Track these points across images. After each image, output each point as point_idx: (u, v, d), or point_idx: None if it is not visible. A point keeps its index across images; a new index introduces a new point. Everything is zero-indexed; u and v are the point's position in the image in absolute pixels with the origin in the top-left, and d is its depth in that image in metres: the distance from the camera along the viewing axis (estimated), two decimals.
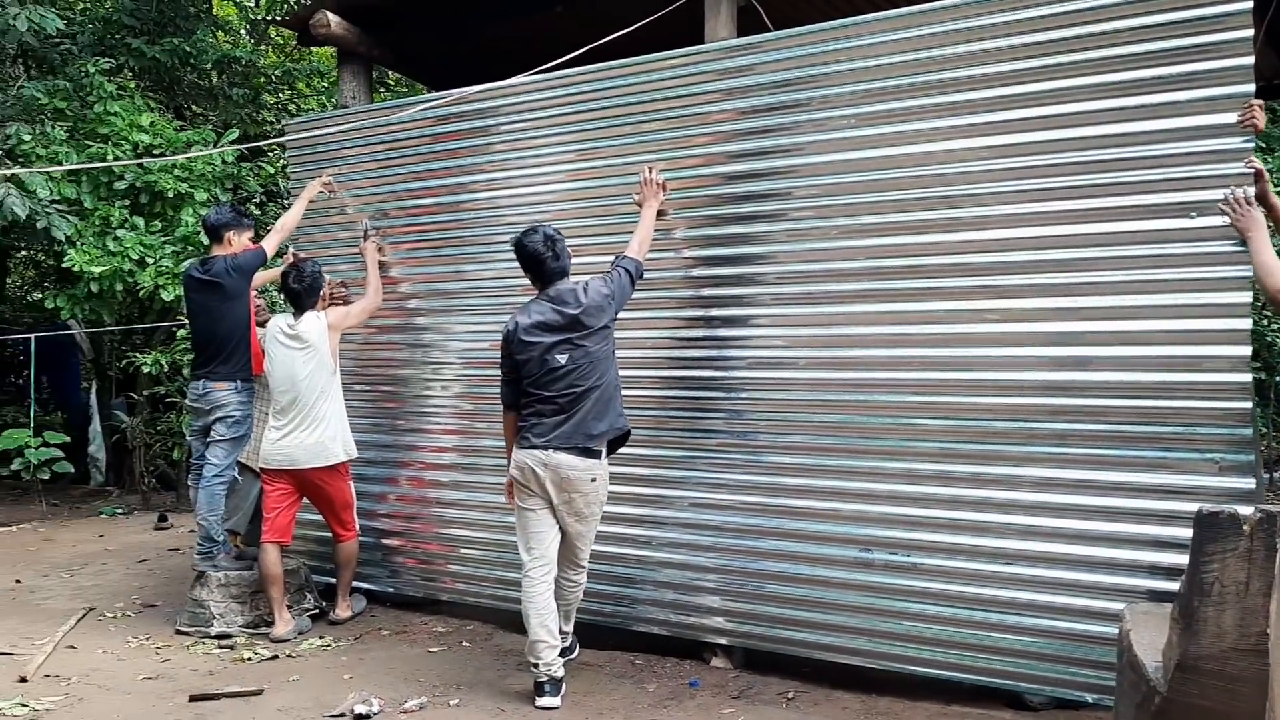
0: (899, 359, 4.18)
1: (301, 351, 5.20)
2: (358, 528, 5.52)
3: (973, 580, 4.00)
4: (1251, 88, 3.58)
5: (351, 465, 5.60)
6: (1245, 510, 2.90)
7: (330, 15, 5.89)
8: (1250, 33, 3.58)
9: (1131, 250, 3.74)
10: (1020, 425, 3.93)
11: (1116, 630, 3.48)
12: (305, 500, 5.44)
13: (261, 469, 5.39)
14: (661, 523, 4.76)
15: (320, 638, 5.22)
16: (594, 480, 4.27)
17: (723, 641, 4.64)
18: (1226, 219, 3.58)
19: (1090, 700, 3.81)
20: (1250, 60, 3.58)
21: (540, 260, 4.34)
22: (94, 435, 11.34)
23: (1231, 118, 3.59)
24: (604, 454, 4.32)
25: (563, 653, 4.38)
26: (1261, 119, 3.58)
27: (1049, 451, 3.88)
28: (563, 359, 4.25)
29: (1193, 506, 2.75)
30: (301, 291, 5.28)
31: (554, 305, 4.29)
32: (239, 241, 5.55)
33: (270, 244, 5.60)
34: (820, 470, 4.36)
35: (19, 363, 15.43)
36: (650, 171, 4.68)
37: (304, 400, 5.21)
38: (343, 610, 5.52)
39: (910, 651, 4.15)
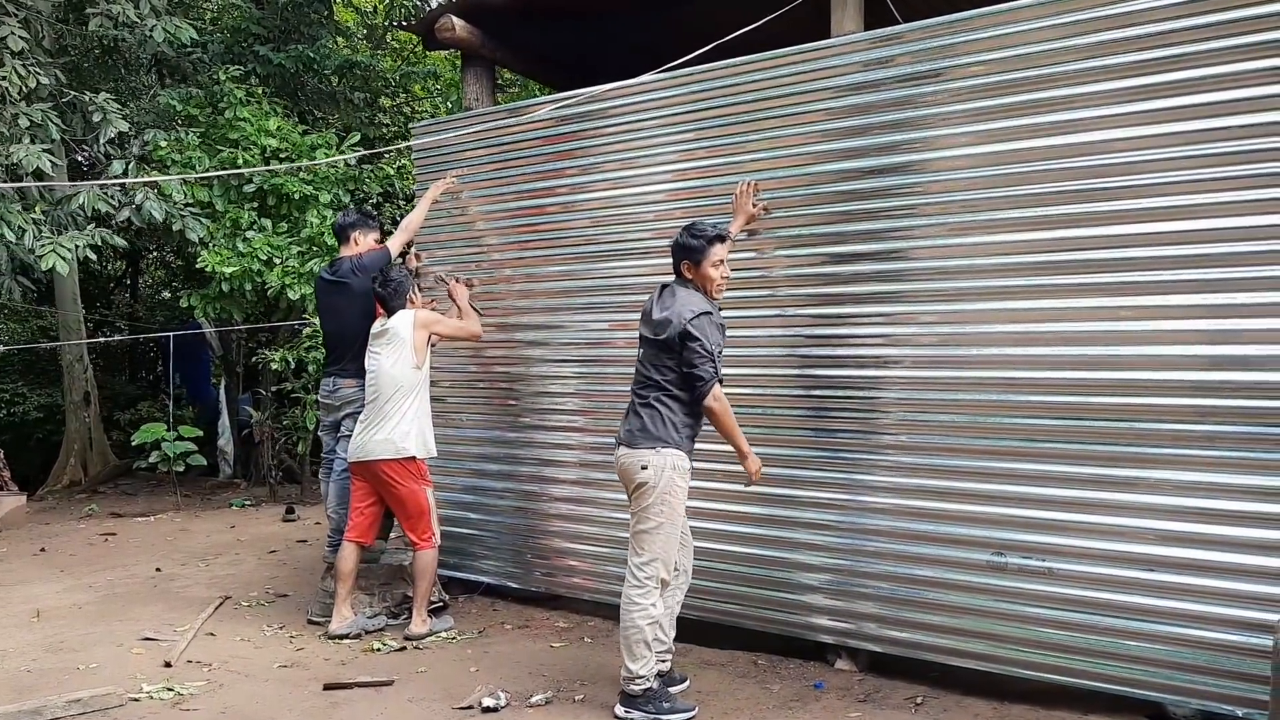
0: (1037, 358, 4.04)
1: (386, 345, 5.22)
2: (436, 539, 5.32)
3: (1114, 586, 3.86)
4: None
5: (471, 462, 5.69)
6: None
7: (455, 19, 5.98)
8: None
9: None
10: (1168, 427, 3.77)
11: (1270, 642, 3.33)
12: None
13: (349, 464, 5.38)
14: (785, 522, 4.71)
15: (446, 630, 5.30)
16: (645, 468, 4.06)
17: (848, 643, 4.57)
18: None
19: (1240, 714, 3.64)
20: None
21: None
22: (222, 429, 11.81)
23: None
24: (660, 448, 4.07)
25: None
26: None
27: (1198, 454, 3.71)
28: (642, 353, 4.24)
29: None
30: (386, 296, 5.33)
31: (656, 299, 4.24)
32: (365, 242, 5.69)
33: (395, 244, 5.72)
34: (950, 471, 4.25)
35: (151, 359, 16.15)
36: (748, 188, 4.70)
37: (383, 394, 5.17)
38: (418, 626, 5.23)
39: (1045, 658, 4.02)
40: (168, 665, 4.82)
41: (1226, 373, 3.67)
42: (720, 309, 4.28)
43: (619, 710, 4.11)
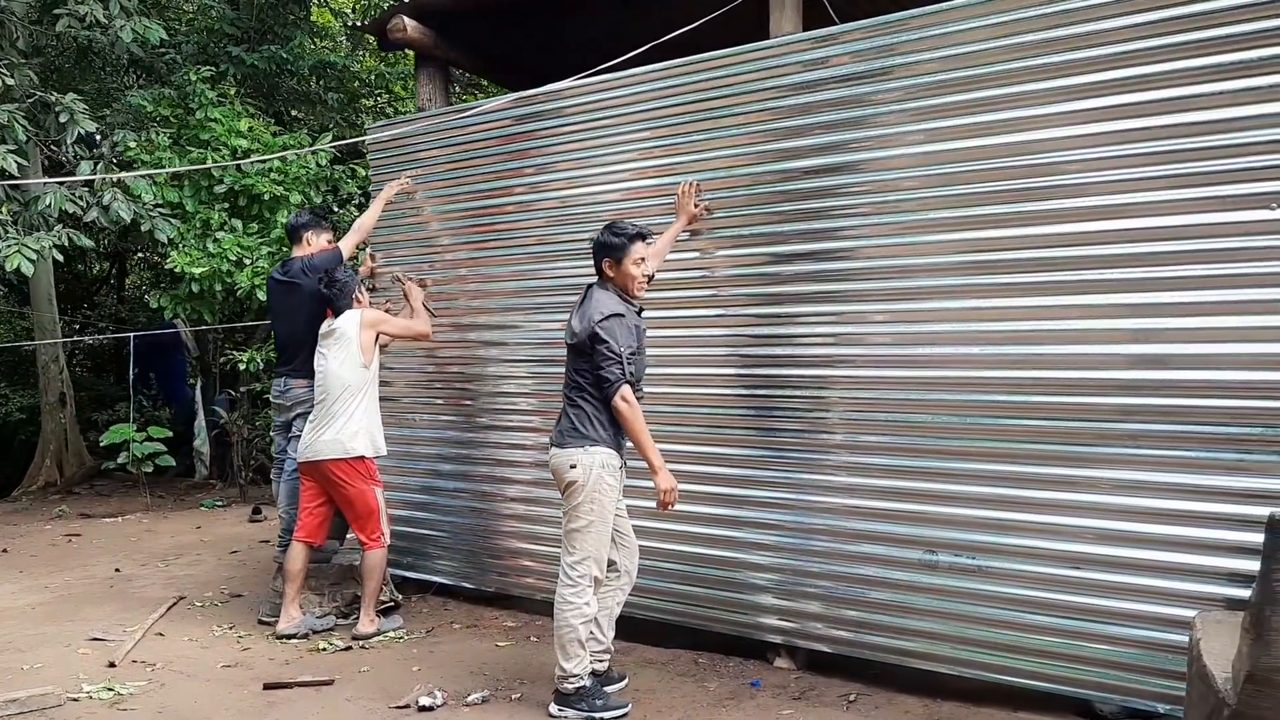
0: (964, 357, 4.07)
1: (334, 344, 5.22)
2: (386, 539, 5.34)
3: (1040, 584, 3.88)
4: None
5: (425, 462, 5.68)
6: None
7: (407, 20, 5.99)
8: None
9: (1210, 244, 3.57)
10: (1091, 425, 3.78)
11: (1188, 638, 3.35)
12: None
13: (298, 464, 5.39)
14: (726, 521, 4.73)
15: (395, 630, 5.31)
16: (574, 467, 4.09)
17: (785, 641, 4.59)
18: None
19: (1162, 710, 3.66)
20: None
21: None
22: (199, 430, 11.79)
23: None
24: (589, 446, 4.10)
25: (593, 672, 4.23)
26: None
27: (1121, 453, 3.73)
28: (567, 356, 4.27)
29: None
30: (332, 296, 5.33)
31: (578, 305, 4.26)
32: (316, 242, 5.71)
33: (347, 244, 5.74)
34: (885, 470, 4.27)
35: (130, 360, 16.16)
36: (690, 188, 4.72)
37: (331, 394, 5.18)
38: (365, 625, 5.24)
39: (976, 656, 4.04)
40: (112, 665, 4.82)
41: (1145, 371, 3.69)
42: (641, 310, 4.29)
43: (553, 709, 4.12)
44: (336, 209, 10.30)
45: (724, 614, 4.75)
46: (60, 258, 8.72)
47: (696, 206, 4.75)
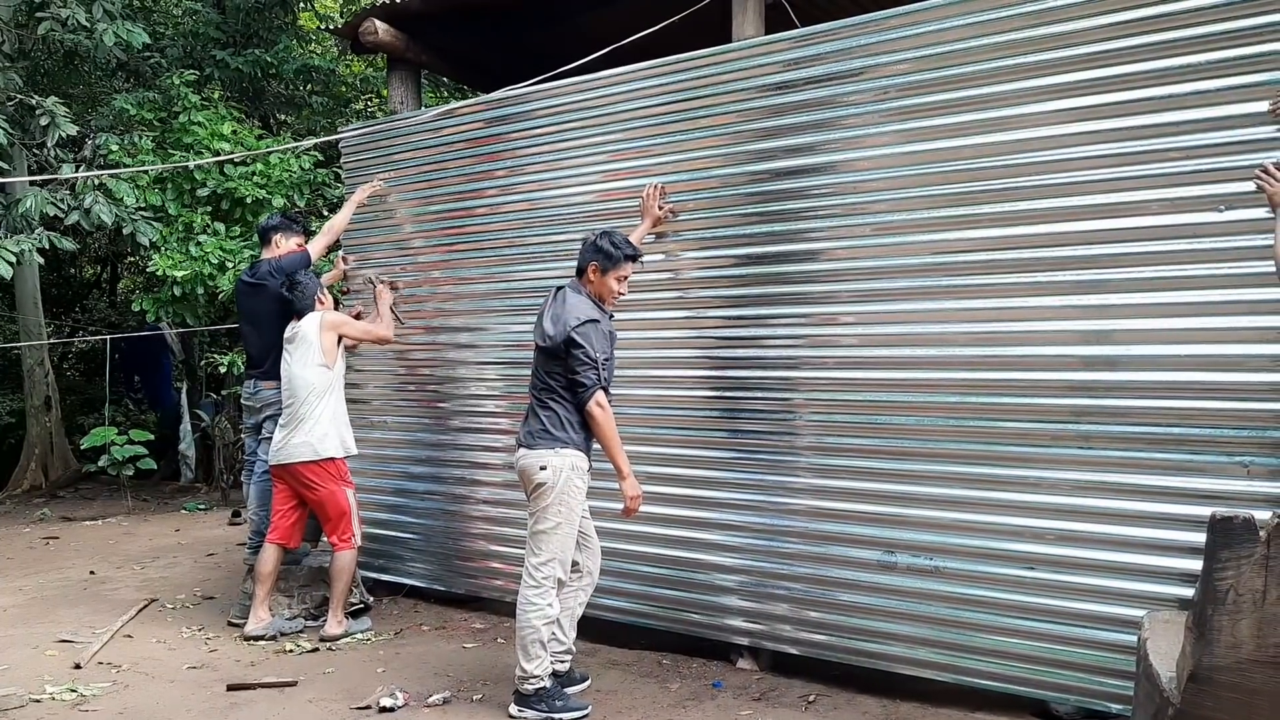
0: (921, 359, 4.09)
1: (297, 347, 5.25)
2: (356, 540, 5.33)
3: (996, 585, 3.89)
4: None
5: (396, 464, 5.68)
6: (1262, 515, 2.79)
7: (378, 23, 6.01)
8: None
9: (1159, 246, 3.60)
10: (1044, 427, 3.80)
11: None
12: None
13: (270, 467, 5.41)
14: (693, 523, 4.73)
15: (363, 631, 5.32)
16: (544, 469, 4.09)
17: (750, 643, 4.60)
18: (1258, 212, 3.41)
19: (1115, 710, 3.67)
20: None
21: None
22: (184, 434, 11.81)
23: (1263, 106, 3.42)
24: (559, 448, 4.11)
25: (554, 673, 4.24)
26: None
27: (1073, 454, 3.75)
28: (536, 357, 4.27)
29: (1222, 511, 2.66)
30: (294, 299, 5.34)
31: (549, 305, 4.25)
32: (286, 245, 5.70)
33: (316, 246, 5.74)
34: (844, 472, 4.29)
35: (117, 363, 16.16)
36: (655, 191, 4.73)
37: (298, 396, 5.20)
38: (333, 626, 5.23)
39: (934, 657, 4.05)
40: (77, 667, 4.82)
41: (1096, 373, 3.72)
42: (613, 317, 4.31)
43: (513, 709, 4.13)
44: (325, 213, 10.30)
45: (690, 615, 4.75)
46: (41, 260, 8.72)
47: (661, 209, 4.76)
